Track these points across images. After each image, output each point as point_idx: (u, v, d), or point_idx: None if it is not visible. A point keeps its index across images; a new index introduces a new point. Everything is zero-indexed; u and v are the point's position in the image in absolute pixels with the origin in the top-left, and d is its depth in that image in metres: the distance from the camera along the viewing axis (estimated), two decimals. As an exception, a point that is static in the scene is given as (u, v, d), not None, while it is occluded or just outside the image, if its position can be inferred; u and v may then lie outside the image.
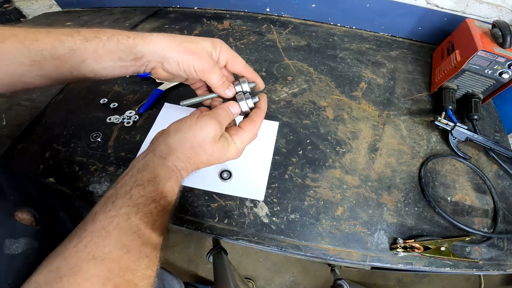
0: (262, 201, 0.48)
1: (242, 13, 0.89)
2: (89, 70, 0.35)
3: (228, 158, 0.35)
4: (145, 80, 0.65)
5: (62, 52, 0.32)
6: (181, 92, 0.63)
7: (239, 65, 0.38)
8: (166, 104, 0.60)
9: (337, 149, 0.55)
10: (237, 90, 0.38)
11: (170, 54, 0.35)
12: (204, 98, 0.39)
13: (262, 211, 0.47)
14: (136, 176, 0.29)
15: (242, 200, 0.48)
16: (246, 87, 0.38)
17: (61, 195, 0.45)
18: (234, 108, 0.37)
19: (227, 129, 0.36)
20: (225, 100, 0.39)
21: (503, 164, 0.53)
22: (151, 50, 0.34)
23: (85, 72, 0.35)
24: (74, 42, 0.32)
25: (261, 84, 0.41)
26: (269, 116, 0.59)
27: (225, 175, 0.49)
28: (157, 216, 0.29)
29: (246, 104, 0.37)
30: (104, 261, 0.24)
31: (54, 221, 0.36)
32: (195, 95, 0.40)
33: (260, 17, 0.87)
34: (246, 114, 0.38)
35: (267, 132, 0.56)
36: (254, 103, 0.38)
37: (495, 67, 0.55)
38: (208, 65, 0.35)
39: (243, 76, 0.39)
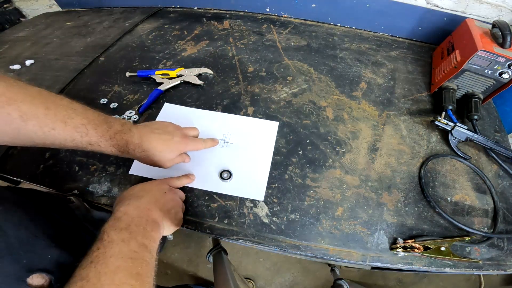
0: (262, 201, 0.48)
1: (242, 13, 0.89)
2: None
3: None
4: (145, 80, 0.65)
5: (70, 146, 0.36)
6: (181, 92, 0.63)
7: None
8: (166, 104, 0.60)
9: (337, 149, 0.55)
10: None
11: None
12: None
13: (262, 211, 0.47)
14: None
15: (242, 200, 0.48)
16: None
17: (86, 232, 0.45)
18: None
19: None
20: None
21: (503, 164, 0.53)
22: None
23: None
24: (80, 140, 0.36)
25: None
26: (269, 116, 0.59)
27: (225, 175, 0.49)
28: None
29: None
30: None
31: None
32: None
33: (260, 17, 0.87)
34: None
35: (267, 132, 0.56)
36: None
37: (495, 67, 0.55)
38: None
39: None
